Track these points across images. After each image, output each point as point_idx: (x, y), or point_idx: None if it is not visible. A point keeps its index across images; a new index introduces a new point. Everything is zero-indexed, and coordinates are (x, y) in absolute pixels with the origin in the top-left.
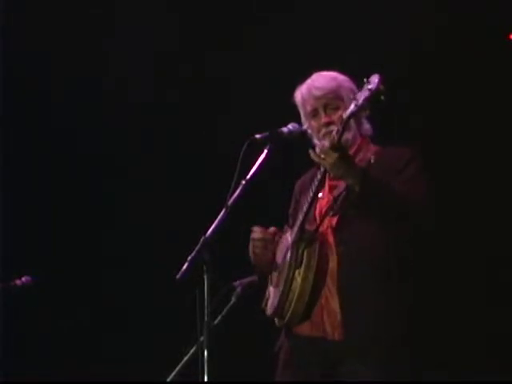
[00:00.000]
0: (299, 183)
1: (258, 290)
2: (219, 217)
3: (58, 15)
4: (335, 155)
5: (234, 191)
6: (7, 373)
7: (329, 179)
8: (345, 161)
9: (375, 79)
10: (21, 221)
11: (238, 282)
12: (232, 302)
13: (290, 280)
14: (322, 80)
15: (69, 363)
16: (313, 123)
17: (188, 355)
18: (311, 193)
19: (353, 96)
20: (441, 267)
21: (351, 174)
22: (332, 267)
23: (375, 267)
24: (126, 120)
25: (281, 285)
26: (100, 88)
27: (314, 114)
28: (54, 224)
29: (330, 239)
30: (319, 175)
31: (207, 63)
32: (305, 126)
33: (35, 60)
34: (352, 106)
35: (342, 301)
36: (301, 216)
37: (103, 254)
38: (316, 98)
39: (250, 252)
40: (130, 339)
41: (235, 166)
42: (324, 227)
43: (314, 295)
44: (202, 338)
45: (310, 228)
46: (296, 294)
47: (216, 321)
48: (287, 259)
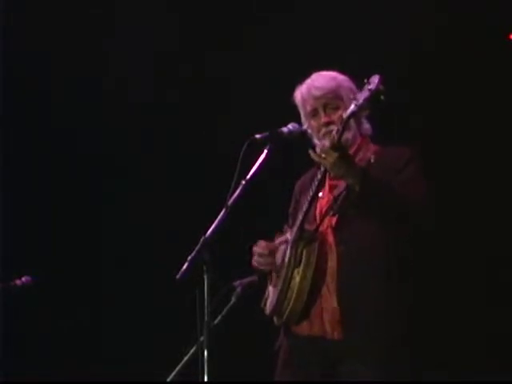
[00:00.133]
0: (299, 183)
1: (258, 290)
2: (219, 217)
3: (58, 15)
4: (335, 155)
5: (234, 191)
6: (7, 373)
7: (329, 179)
8: (345, 160)
9: (375, 79)
10: (21, 221)
11: (238, 282)
12: (232, 302)
13: (289, 279)
14: (322, 80)
15: (69, 363)
16: (313, 123)
17: (188, 355)
18: (311, 192)
19: (352, 96)
20: (441, 267)
21: (351, 174)
22: (331, 266)
23: (375, 267)
24: (126, 120)
25: (280, 283)
26: (100, 88)
27: (314, 114)
28: (54, 224)
29: (330, 239)
30: (319, 175)
31: (207, 63)
32: (305, 126)
33: (35, 60)
34: (352, 106)
35: (342, 300)
36: (300, 215)
37: (103, 254)
38: (316, 98)
39: (253, 262)
40: (130, 339)
41: (235, 166)
42: (324, 227)
43: (313, 294)
44: (202, 338)
45: (310, 227)
46: (295, 293)
47: (216, 321)
48: (286, 258)
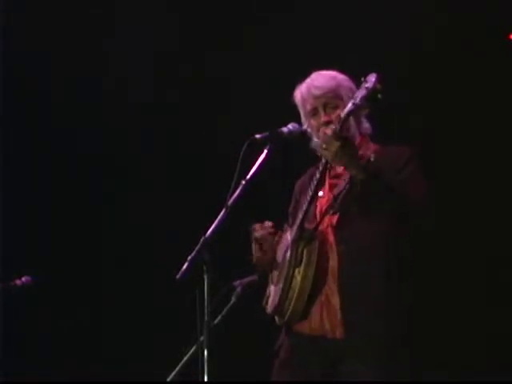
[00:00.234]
0: (299, 183)
1: (258, 290)
2: (219, 217)
3: (58, 15)
4: (337, 143)
5: (234, 191)
6: (7, 373)
7: (329, 178)
8: (347, 149)
9: (372, 78)
10: (21, 221)
11: (238, 282)
12: (232, 302)
13: (290, 278)
14: (322, 79)
15: (69, 363)
16: (312, 122)
17: (188, 355)
18: (311, 191)
19: (352, 95)
20: (441, 267)
21: (354, 163)
22: (332, 265)
23: (375, 267)
24: (126, 120)
25: (281, 283)
26: (100, 88)
27: (314, 113)
28: (54, 224)
29: (331, 238)
30: (318, 174)
31: (207, 63)
32: (305, 126)
33: (35, 60)
34: (349, 105)
35: (343, 299)
36: (300, 214)
37: (103, 254)
38: (315, 97)
39: (254, 251)
40: (130, 339)
41: (235, 166)
42: (324, 226)
43: (314, 293)
44: (202, 338)
45: (310, 226)
46: (296, 292)
47: (216, 321)
48: (287, 258)
